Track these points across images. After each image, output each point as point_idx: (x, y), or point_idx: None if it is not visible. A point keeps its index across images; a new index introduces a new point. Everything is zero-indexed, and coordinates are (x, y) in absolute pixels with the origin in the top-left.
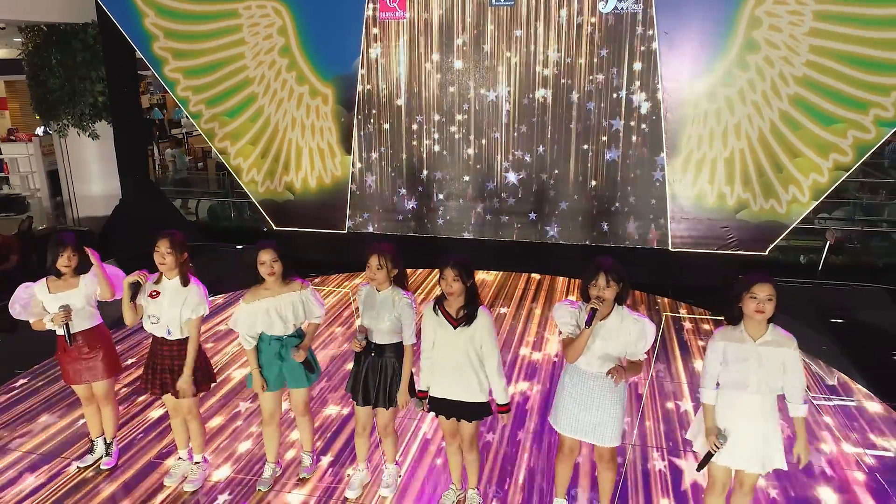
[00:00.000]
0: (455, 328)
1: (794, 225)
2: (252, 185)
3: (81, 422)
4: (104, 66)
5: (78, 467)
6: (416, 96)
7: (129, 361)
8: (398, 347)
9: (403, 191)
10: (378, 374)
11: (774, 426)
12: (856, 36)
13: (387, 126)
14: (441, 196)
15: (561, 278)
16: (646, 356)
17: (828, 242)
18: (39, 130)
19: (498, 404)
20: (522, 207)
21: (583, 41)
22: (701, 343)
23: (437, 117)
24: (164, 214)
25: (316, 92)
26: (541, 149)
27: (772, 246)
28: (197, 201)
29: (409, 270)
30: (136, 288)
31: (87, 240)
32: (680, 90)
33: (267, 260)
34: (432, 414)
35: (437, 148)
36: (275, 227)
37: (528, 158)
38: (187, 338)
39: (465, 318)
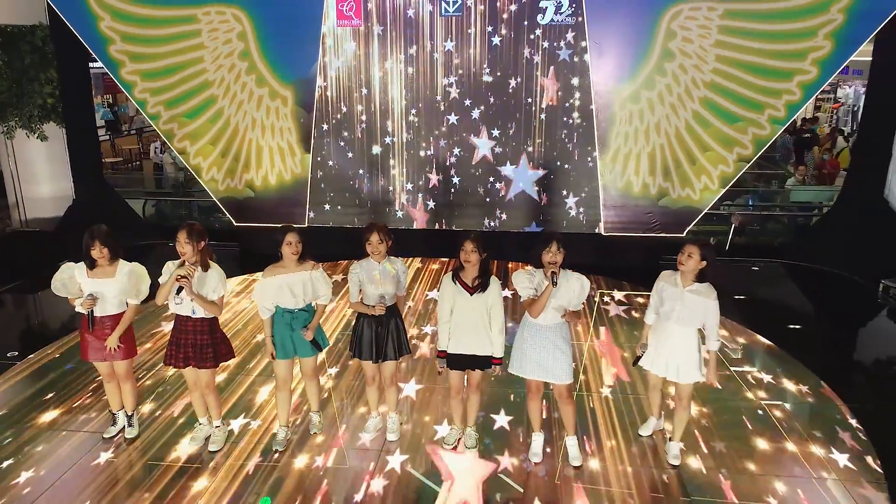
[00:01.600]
0: (471, 294)
1: (706, 209)
2: (213, 183)
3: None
4: (56, 68)
5: (104, 438)
6: (372, 95)
7: None
8: (394, 307)
9: (358, 185)
10: (388, 332)
11: (693, 350)
12: (754, 48)
13: (343, 122)
14: (395, 189)
15: (508, 263)
16: (582, 305)
17: (733, 225)
18: None
19: (494, 357)
20: (472, 199)
21: (525, 49)
22: (633, 314)
23: (392, 113)
24: (118, 214)
25: (275, 94)
26: (491, 144)
27: (688, 228)
28: (144, 202)
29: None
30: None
31: (40, 241)
32: (608, 93)
33: (293, 241)
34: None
35: (390, 142)
36: (235, 223)
37: (474, 154)
38: (209, 317)
39: (479, 286)
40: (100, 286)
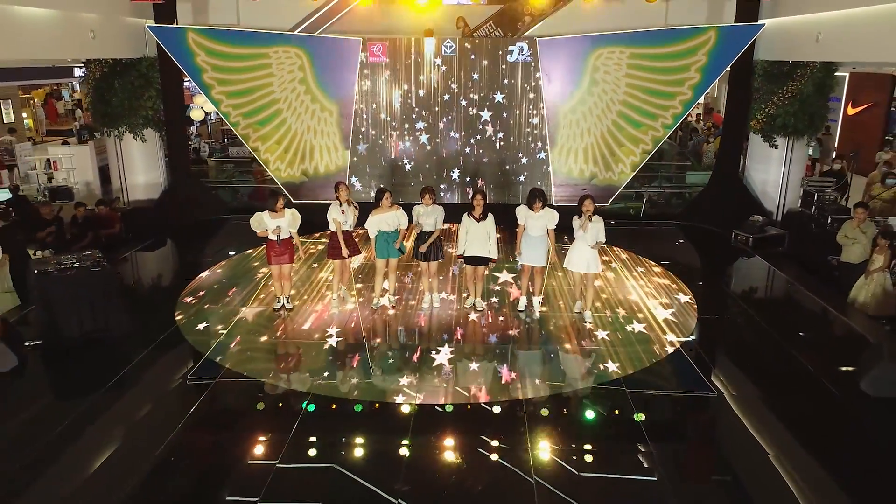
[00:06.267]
0: (478, 222)
1: (622, 187)
2: (277, 171)
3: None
4: (157, 89)
5: (274, 309)
6: (393, 111)
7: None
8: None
9: (383, 172)
10: (431, 246)
11: (594, 254)
12: (651, 77)
13: (373, 130)
14: (409, 175)
15: None
16: (554, 227)
17: (644, 199)
18: None
19: (492, 258)
20: (462, 181)
21: (498, 77)
22: None
23: (406, 125)
24: (199, 196)
25: (324, 108)
26: (473, 146)
27: (612, 199)
28: (212, 189)
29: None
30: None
31: (146, 215)
32: (555, 107)
33: (389, 196)
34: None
35: (406, 145)
36: (293, 200)
37: (467, 152)
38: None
39: (483, 217)
40: (279, 222)
